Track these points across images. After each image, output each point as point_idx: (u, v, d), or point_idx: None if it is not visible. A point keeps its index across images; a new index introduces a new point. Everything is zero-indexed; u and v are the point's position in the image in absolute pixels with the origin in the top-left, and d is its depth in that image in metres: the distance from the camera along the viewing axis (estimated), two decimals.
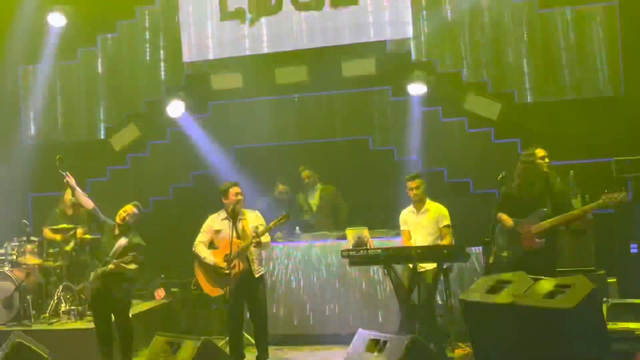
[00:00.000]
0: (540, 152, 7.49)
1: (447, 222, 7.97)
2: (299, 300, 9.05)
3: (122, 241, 7.70)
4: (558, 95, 9.52)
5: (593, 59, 9.39)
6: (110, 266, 7.54)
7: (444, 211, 8.03)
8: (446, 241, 7.82)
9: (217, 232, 7.78)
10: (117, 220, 7.76)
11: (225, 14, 10.27)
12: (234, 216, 7.55)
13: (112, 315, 7.81)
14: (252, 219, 7.77)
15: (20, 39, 11.15)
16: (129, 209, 7.78)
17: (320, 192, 10.06)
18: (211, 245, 7.88)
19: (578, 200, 8.06)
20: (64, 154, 9.54)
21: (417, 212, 8.06)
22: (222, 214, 7.82)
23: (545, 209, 6.98)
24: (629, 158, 8.73)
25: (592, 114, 9.52)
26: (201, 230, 7.94)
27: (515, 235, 7.06)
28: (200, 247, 7.84)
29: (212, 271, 7.72)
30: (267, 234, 7.65)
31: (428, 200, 8.09)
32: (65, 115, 11.11)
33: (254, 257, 7.68)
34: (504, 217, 7.15)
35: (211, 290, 7.81)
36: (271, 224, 7.57)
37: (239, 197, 7.68)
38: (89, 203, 7.86)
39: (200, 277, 7.86)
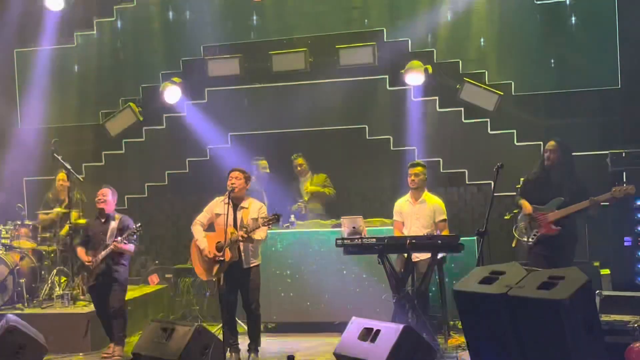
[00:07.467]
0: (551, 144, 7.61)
1: (444, 216, 7.99)
2: (292, 289, 9.04)
3: (113, 224, 8.00)
4: (554, 87, 9.51)
5: (590, 51, 9.38)
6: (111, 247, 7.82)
7: (441, 205, 8.02)
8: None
9: (218, 215, 7.60)
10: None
11: None
12: (233, 203, 7.52)
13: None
14: (254, 211, 7.58)
15: (17, 22, 11.10)
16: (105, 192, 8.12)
17: (312, 179, 10.06)
18: (211, 227, 7.76)
19: None
20: (59, 138, 9.59)
21: (413, 202, 8.05)
22: (226, 198, 7.56)
23: (562, 198, 7.37)
24: (624, 150, 8.73)
25: (589, 105, 9.51)
26: (204, 209, 7.79)
27: (535, 221, 7.47)
28: (196, 228, 7.69)
29: (203, 255, 7.63)
30: (264, 229, 7.47)
31: (426, 192, 8.07)
32: (61, 99, 11.06)
33: (248, 248, 7.54)
34: (524, 203, 7.57)
35: (201, 272, 7.69)
36: (259, 222, 7.37)
37: (232, 181, 7.51)
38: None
39: (194, 257, 7.73)
